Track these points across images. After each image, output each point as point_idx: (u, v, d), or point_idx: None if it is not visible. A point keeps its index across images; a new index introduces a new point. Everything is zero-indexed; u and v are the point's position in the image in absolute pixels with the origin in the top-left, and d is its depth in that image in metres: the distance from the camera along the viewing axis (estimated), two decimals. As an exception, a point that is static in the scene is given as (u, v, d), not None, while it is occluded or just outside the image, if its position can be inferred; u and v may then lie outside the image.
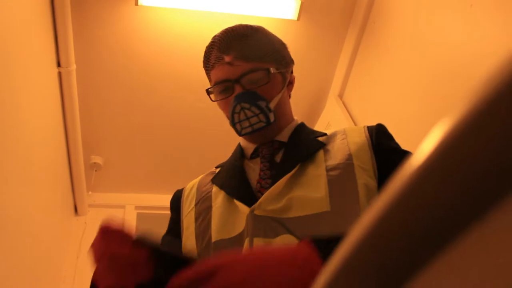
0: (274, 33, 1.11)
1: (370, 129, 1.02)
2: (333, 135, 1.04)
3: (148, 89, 2.55)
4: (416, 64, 2.03)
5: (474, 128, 0.18)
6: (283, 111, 1.06)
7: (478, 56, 1.62)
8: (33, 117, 1.77)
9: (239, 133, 1.01)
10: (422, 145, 0.20)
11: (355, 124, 2.46)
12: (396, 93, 2.17)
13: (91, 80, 2.45)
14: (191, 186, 1.08)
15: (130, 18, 2.30)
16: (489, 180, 0.20)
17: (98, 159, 2.78)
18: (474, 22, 1.67)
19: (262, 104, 0.98)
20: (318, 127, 2.75)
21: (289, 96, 1.14)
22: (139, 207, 2.97)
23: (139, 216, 2.94)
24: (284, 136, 1.04)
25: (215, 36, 1.06)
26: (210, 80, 1.09)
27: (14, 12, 1.55)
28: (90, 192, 2.80)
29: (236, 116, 0.98)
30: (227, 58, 0.99)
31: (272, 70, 1.01)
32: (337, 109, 2.60)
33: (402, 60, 2.14)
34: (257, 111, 0.97)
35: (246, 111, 0.97)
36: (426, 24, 1.97)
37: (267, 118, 0.98)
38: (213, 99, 1.06)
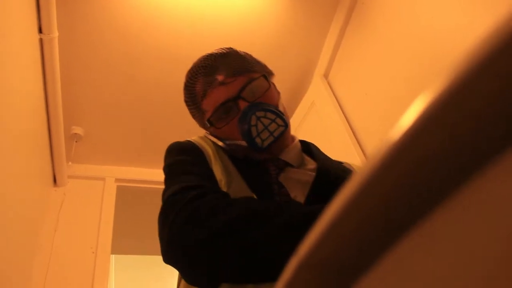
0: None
1: None
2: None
3: (132, 61, 2.51)
4: (403, 47, 2.03)
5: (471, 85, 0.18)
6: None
7: (467, 37, 1.62)
8: (11, 84, 1.73)
9: (261, 147, 0.90)
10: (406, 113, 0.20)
11: (339, 104, 2.47)
12: (381, 74, 2.18)
13: (74, 48, 2.39)
14: (202, 145, 0.98)
15: (115, -13, 2.25)
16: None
17: (79, 130, 2.75)
18: (463, 5, 1.67)
19: (274, 108, 0.92)
20: (302, 105, 2.76)
21: None
22: (119, 180, 2.96)
23: (119, 189, 2.93)
24: (290, 156, 0.95)
25: (192, 67, 1.00)
26: (204, 113, 1.00)
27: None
28: (70, 163, 2.77)
29: (253, 129, 0.89)
30: (219, 78, 0.93)
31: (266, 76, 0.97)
32: (321, 88, 2.60)
33: (389, 42, 2.13)
34: (273, 116, 0.90)
35: (263, 119, 0.89)
36: (415, 6, 1.96)
37: (284, 121, 0.92)
38: (219, 126, 0.96)
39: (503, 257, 0.18)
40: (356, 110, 2.36)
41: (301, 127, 2.76)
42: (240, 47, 1.04)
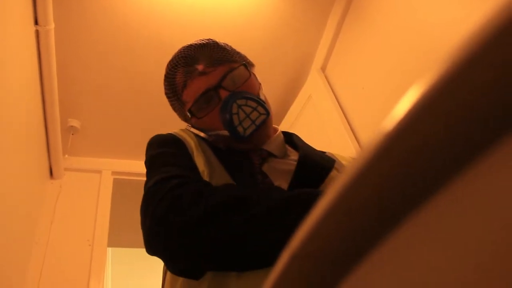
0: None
1: None
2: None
3: (129, 53, 2.50)
4: (400, 40, 2.02)
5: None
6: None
7: (464, 31, 1.62)
8: (7, 76, 1.72)
9: (243, 136, 0.89)
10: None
11: (336, 98, 2.47)
12: (379, 68, 2.18)
13: (70, 40, 2.38)
14: (183, 137, 0.98)
15: (111, -22, 2.23)
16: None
17: (75, 123, 2.74)
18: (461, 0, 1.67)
19: (255, 97, 0.91)
20: (299, 99, 2.75)
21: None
22: (116, 173, 2.95)
23: (116, 182, 2.93)
24: (273, 147, 0.96)
25: (172, 59, 1.00)
26: (185, 104, 1.00)
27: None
28: (66, 156, 2.77)
29: (235, 117, 0.88)
30: (199, 67, 0.93)
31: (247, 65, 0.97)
32: (319, 82, 2.59)
33: (387, 36, 2.13)
34: (254, 104, 0.90)
35: (244, 107, 0.89)
36: (413, 0, 1.96)
37: (266, 109, 0.91)
38: (200, 116, 0.96)
39: (497, 248, 0.18)
40: (354, 104, 2.36)
41: (298, 121, 2.76)
42: (238, 40, 1.04)
